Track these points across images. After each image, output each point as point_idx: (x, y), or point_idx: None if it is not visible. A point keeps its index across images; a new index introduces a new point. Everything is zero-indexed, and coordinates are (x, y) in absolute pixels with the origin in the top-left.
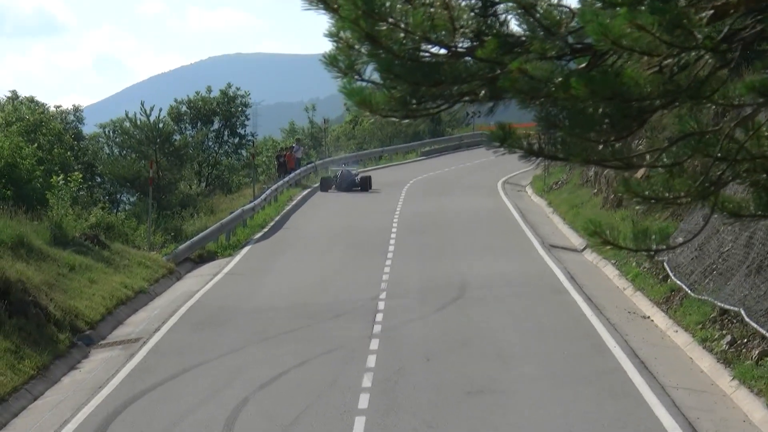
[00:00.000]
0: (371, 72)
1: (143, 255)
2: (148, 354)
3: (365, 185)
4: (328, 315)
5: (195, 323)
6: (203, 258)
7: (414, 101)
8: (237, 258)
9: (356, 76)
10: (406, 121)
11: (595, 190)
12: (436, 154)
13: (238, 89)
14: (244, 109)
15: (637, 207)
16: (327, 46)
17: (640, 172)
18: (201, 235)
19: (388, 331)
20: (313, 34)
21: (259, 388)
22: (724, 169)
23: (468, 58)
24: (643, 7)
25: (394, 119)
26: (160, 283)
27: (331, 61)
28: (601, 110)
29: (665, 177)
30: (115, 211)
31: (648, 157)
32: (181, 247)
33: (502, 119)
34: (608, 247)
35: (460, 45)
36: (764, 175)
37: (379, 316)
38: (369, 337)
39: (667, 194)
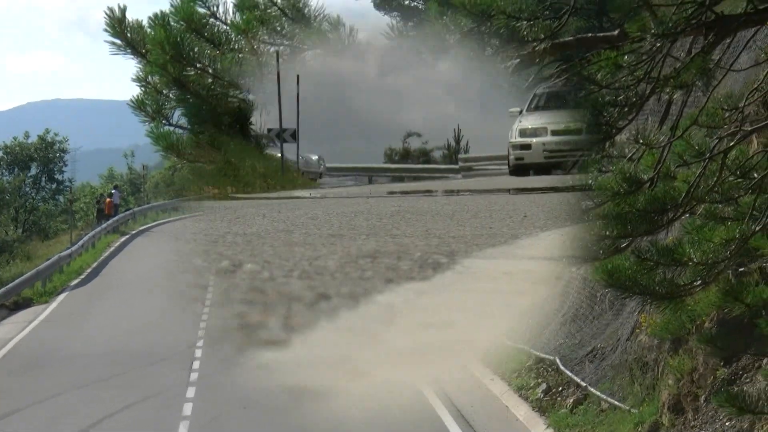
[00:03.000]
0: (179, 117)
1: None
2: None
3: None
4: (145, 362)
5: (10, 370)
6: (19, 304)
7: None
8: (53, 304)
9: (164, 121)
10: (213, 166)
11: None
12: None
13: (56, 135)
14: (62, 154)
15: None
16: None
17: None
18: (17, 281)
19: (205, 378)
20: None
21: None
22: None
23: None
24: None
25: (202, 165)
26: None
27: (139, 105)
28: None
29: None
30: None
31: None
32: None
33: None
34: None
35: None
36: None
37: (197, 364)
38: (186, 385)
39: None
